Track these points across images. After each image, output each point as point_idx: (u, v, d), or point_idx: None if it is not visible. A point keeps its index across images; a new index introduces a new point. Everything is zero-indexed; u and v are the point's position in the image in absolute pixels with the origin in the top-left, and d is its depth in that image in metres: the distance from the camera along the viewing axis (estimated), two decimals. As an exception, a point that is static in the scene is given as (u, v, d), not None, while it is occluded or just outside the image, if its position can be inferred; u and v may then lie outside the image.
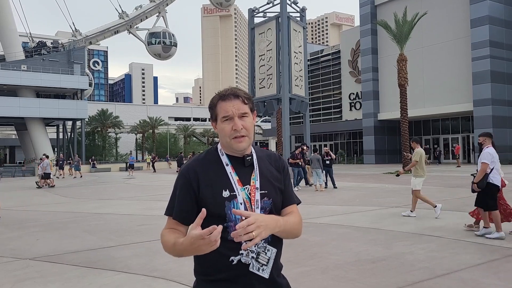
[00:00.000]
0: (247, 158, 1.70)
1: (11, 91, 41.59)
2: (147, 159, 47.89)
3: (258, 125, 69.74)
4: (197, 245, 1.45)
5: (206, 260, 1.61)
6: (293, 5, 26.88)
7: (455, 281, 4.61)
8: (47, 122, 46.70)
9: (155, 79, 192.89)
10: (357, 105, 42.62)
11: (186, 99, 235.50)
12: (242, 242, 1.49)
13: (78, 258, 6.13)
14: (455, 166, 28.98)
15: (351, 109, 43.58)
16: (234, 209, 1.58)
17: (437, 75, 34.35)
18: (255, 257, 1.61)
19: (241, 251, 1.59)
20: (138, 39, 54.76)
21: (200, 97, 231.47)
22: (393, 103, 34.32)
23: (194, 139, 70.55)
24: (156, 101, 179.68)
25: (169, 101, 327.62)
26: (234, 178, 1.66)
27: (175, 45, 56.76)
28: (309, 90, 40.57)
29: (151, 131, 62.73)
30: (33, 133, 43.39)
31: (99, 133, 58.49)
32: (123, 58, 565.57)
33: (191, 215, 1.65)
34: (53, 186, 21.33)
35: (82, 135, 47.59)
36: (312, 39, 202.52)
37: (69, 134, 48.75)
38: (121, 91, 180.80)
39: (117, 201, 13.97)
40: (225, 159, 1.70)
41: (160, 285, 4.79)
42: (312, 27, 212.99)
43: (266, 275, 1.62)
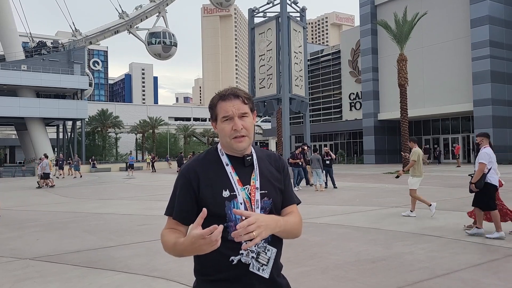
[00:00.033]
0: (247, 158, 1.70)
1: (11, 91, 41.61)
2: (147, 159, 47.91)
3: (258, 125, 69.75)
4: (198, 245, 1.45)
5: (206, 260, 1.61)
6: (293, 5, 26.89)
7: (455, 281, 4.61)
8: (47, 122, 46.71)
9: (155, 79, 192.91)
10: (357, 105, 42.63)
11: (186, 99, 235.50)
12: (242, 242, 1.49)
13: (78, 258, 6.13)
14: (455, 166, 28.99)
15: (351, 109, 43.59)
16: (234, 209, 1.58)
17: (437, 75, 34.36)
18: (255, 257, 1.61)
19: (241, 251, 1.59)
20: (138, 39, 54.80)
21: (200, 97, 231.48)
22: (393, 103, 34.33)
23: (194, 139, 70.58)
24: (156, 101, 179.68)
25: (169, 101, 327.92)
26: (234, 178, 1.66)
27: (175, 45, 56.79)
28: (309, 90, 40.58)
29: (151, 131, 62.75)
30: (33, 133, 43.39)
31: (99, 133, 58.52)
32: (123, 58, 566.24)
33: (191, 215, 1.65)
34: (53, 186, 21.33)
35: (82, 135, 47.61)
36: (312, 39, 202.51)
37: (69, 134, 48.75)
38: (121, 91, 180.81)
39: (117, 201, 13.97)
40: (225, 159, 1.70)
41: (160, 285, 4.79)
42: (312, 27, 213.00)
43: (266, 275, 1.62)
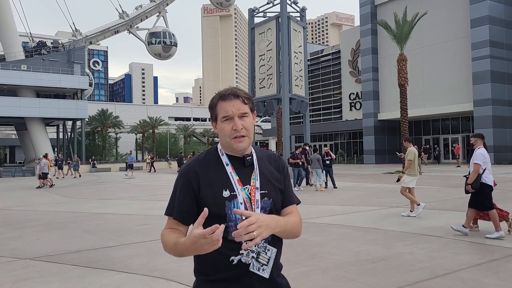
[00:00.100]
0: (247, 158, 1.70)
1: (11, 91, 41.62)
2: (146, 159, 47.94)
3: (258, 125, 69.75)
4: (199, 245, 1.45)
5: (206, 260, 1.61)
6: (293, 5, 26.90)
7: (455, 281, 4.61)
8: (47, 122, 46.72)
9: (155, 79, 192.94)
10: (357, 105, 42.62)
11: (186, 99, 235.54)
12: (242, 242, 1.49)
13: (78, 258, 6.13)
14: (455, 166, 28.97)
15: (351, 109, 43.59)
16: (235, 209, 1.58)
17: (437, 75, 34.35)
18: (255, 257, 1.61)
19: (241, 251, 1.59)
20: (138, 39, 54.82)
21: (200, 97, 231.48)
22: (393, 103, 34.33)
23: (194, 139, 70.61)
24: (156, 101, 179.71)
25: (169, 101, 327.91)
26: (234, 178, 1.66)
27: (175, 45, 56.81)
28: (309, 90, 40.58)
29: (151, 131, 62.77)
30: (33, 133, 43.40)
31: (99, 133, 58.55)
32: (123, 58, 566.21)
33: (191, 215, 1.65)
34: (52, 185, 21.33)
35: (82, 135, 47.63)
36: (312, 39, 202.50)
37: (69, 134, 48.76)
38: (121, 91, 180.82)
39: (117, 201, 13.97)
40: (225, 159, 1.70)
41: (160, 285, 4.79)
42: (312, 27, 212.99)
43: (266, 275, 1.62)
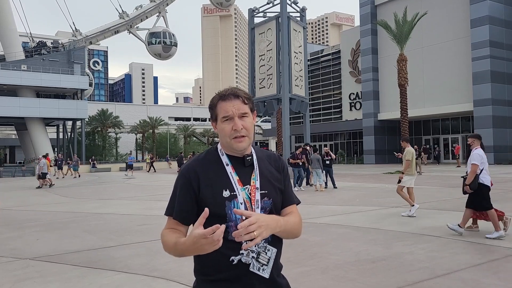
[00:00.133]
0: (247, 158, 1.70)
1: (11, 91, 41.61)
2: (146, 159, 47.96)
3: (258, 125, 69.75)
4: (200, 245, 1.45)
5: (206, 260, 1.61)
6: (293, 5, 26.90)
7: (455, 281, 4.61)
8: (47, 122, 46.71)
9: (155, 79, 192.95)
10: (357, 105, 42.62)
11: (186, 99, 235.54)
12: (242, 242, 1.49)
13: (78, 258, 6.13)
14: (455, 166, 28.98)
15: (351, 109, 43.58)
16: (235, 209, 1.58)
17: (437, 75, 34.35)
18: (255, 257, 1.61)
19: (241, 251, 1.59)
20: (138, 39, 54.82)
21: (200, 97, 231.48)
22: (393, 103, 34.33)
23: (194, 139, 70.63)
24: (156, 101, 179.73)
25: (169, 101, 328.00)
26: (234, 178, 1.66)
27: (175, 45, 56.81)
28: (309, 90, 40.59)
29: (151, 131, 62.78)
30: (33, 133, 43.40)
31: (99, 133, 58.55)
32: (123, 58, 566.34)
33: (191, 215, 1.65)
34: (52, 185, 21.34)
35: (82, 135, 47.63)
36: (312, 39, 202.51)
37: (69, 134, 48.76)
38: (121, 91, 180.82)
39: (117, 201, 13.96)
40: (225, 159, 1.70)
41: (160, 285, 4.79)
42: (312, 27, 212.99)
43: (266, 275, 1.62)
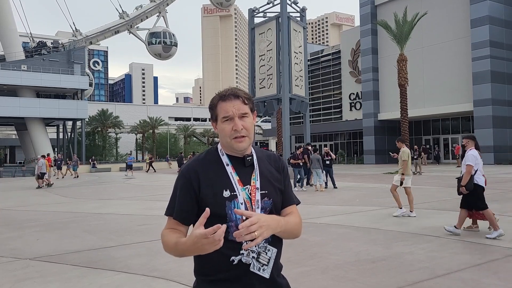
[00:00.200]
0: (248, 158, 1.70)
1: (11, 91, 41.58)
2: (146, 159, 47.97)
3: (258, 125, 69.75)
4: (200, 245, 1.45)
5: (206, 260, 1.61)
6: (293, 5, 26.90)
7: (455, 281, 4.61)
8: (47, 122, 46.68)
9: (155, 79, 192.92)
10: (357, 105, 42.61)
11: (186, 99, 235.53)
12: (243, 242, 1.49)
13: (78, 258, 6.13)
14: (455, 166, 28.96)
15: (351, 109, 43.57)
16: (236, 209, 1.58)
17: (437, 75, 34.35)
18: (255, 257, 1.61)
19: (241, 251, 1.60)
20: (138, 39, 54.81)
21: (200, 97, 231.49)
22: (393, 103, 34.32)
23: (194, 139, 70.60)
24: (156, 101, 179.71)
25: (169, 101, 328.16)
26: (234, 178, 1.66)
27: (176, 45, 56.80)
28: (309, 90, 40.58)
29: (151, 131, 62.75)
30: (33, 133, 43.38)
31: (99, 133, 58.53)
32: (123, 58, 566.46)
33: (191, 215, 1.65)
34: (51, 184, 21.34)
35: (82, 135, 47.60)
36: (312, 39, 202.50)
37: (69, 134, 48.73)
38: (121, 91, 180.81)
39: (117, 201, 13.97)
40: (225, 159, 1.70)
41: (160, 285, 4.79)
42: (312, 27, 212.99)
43: (266, 275, 1.62)
